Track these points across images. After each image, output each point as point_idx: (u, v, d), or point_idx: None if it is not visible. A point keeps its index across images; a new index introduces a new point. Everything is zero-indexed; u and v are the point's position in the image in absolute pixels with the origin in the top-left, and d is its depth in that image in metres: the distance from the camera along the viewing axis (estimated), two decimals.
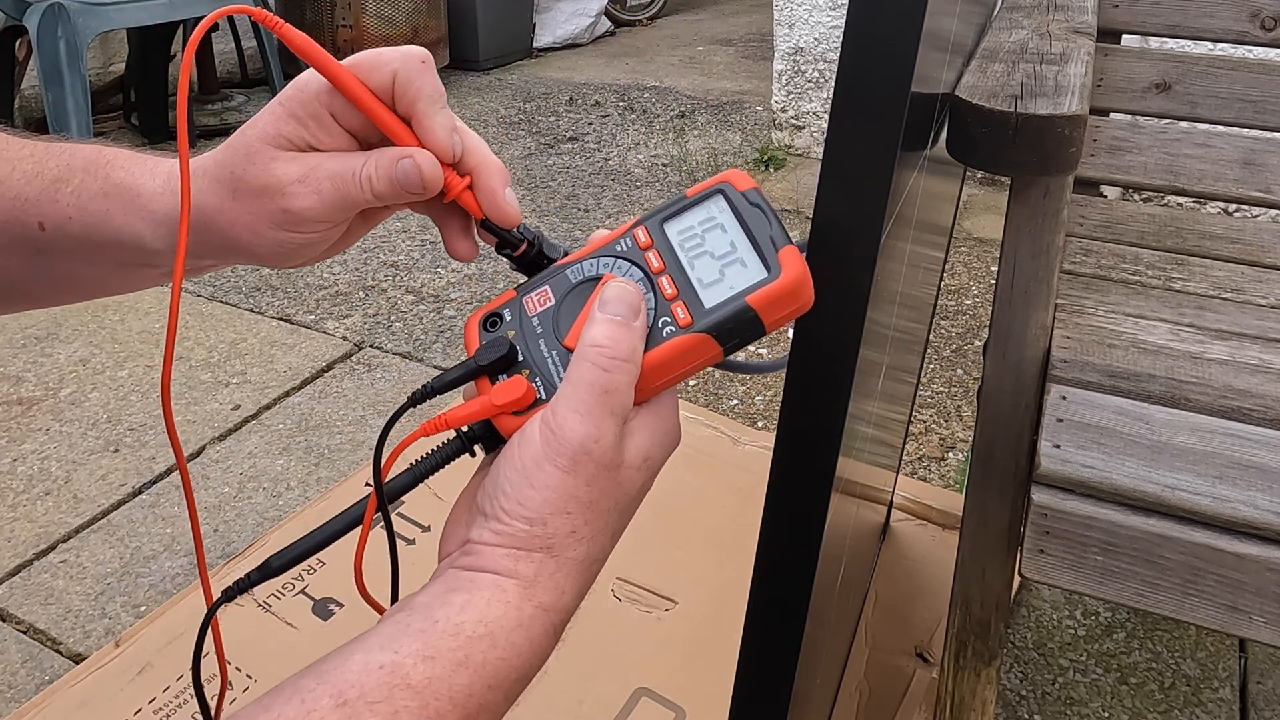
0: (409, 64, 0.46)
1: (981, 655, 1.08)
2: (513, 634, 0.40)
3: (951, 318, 2.44)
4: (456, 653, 0.38)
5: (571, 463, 0.40)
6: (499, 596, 0.40)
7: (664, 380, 0.44)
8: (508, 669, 0.40)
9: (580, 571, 0.42)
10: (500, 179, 0.48)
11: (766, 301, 0.43)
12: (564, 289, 0.46)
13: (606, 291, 0.43)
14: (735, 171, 0.47)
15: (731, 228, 0.45)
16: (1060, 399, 0.96)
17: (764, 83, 4.27)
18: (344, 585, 1.44)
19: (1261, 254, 1.29)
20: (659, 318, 0.44)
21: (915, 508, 1.62)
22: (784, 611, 0.54)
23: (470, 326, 0.47)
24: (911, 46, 0.42)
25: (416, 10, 4.10)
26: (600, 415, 0.41)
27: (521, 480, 0.41)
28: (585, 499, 0.41)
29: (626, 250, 0.46)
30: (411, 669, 0.37)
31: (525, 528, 0.41)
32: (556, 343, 0.44)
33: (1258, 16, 1.38)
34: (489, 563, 0.41)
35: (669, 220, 0.46)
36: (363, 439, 2.01)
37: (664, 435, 0.44)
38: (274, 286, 2.66)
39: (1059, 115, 0.77)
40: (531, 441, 0.41)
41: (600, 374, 0.41)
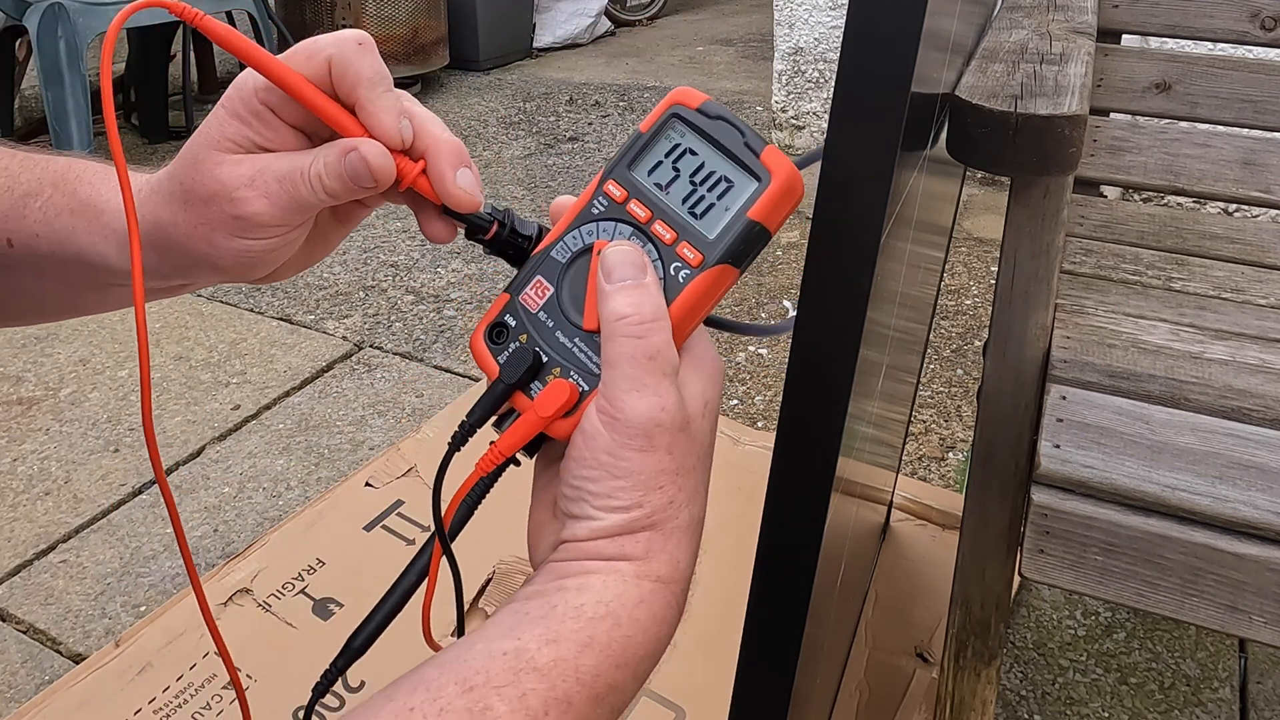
0: (344, 48, 0.43)
1: (981, 655, 1.08)
2: (635, 610, 0.39)
3: (951, 318, 2.44)
4: (580, 634, 0.38)
5: (647, 440, 0.39)
6: (614, 578, 0.39)
7: (695, 323, 0.43)
8: (634, 647, 0.39)
9: (689, 536, 0.42)
10: (451, 160, 0.44)
11: (768, 209, 0.42)
12: (557, 272, 0.44)
13: (606, 260, 0.41)
14: (681, 90, 0.45)
15: (702, 149, 0.43)
16: (1060, 399, 0.96)
17: (764, 83, 4.27)
18: (344, 585, 1.44)
19: (1261, 254, 1.29)
20: (669, 265, 0.42)
21: (915, 508, 1.62)
22: (784, 611, 0.54)
23: (477, 345, 0.44)
24: (911, 46, 0.42)
25: (416, 10, 4.10)
26: (655, 382, 0.40)
27: (603, 475, 0.40)
28: (672, 468, 0.40)
29: (605, 210, 0.44)
30: (536, 653, 0.37)
31: (624, 517, 0.40)
32: (575, 329, 0.43)
33: (1258, 16, 1.38)
34: (594, 553, 0.40)
35: (634, 164, 0.44)
36: (363, 439, 2.01)
37: (711, 373, 0.43)
38: (274, 286, 2.66)
39: (1059, 115, 0.77)
40: (597, 434, 0.40)
41: (637, 343, 0.40)
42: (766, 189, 0.42)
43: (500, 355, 0.43)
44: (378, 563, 1.47)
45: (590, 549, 0.40)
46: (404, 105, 0.45)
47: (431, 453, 1.70)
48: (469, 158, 0.45)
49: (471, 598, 1.39)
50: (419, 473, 1.66)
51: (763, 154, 0.42)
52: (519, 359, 0.42)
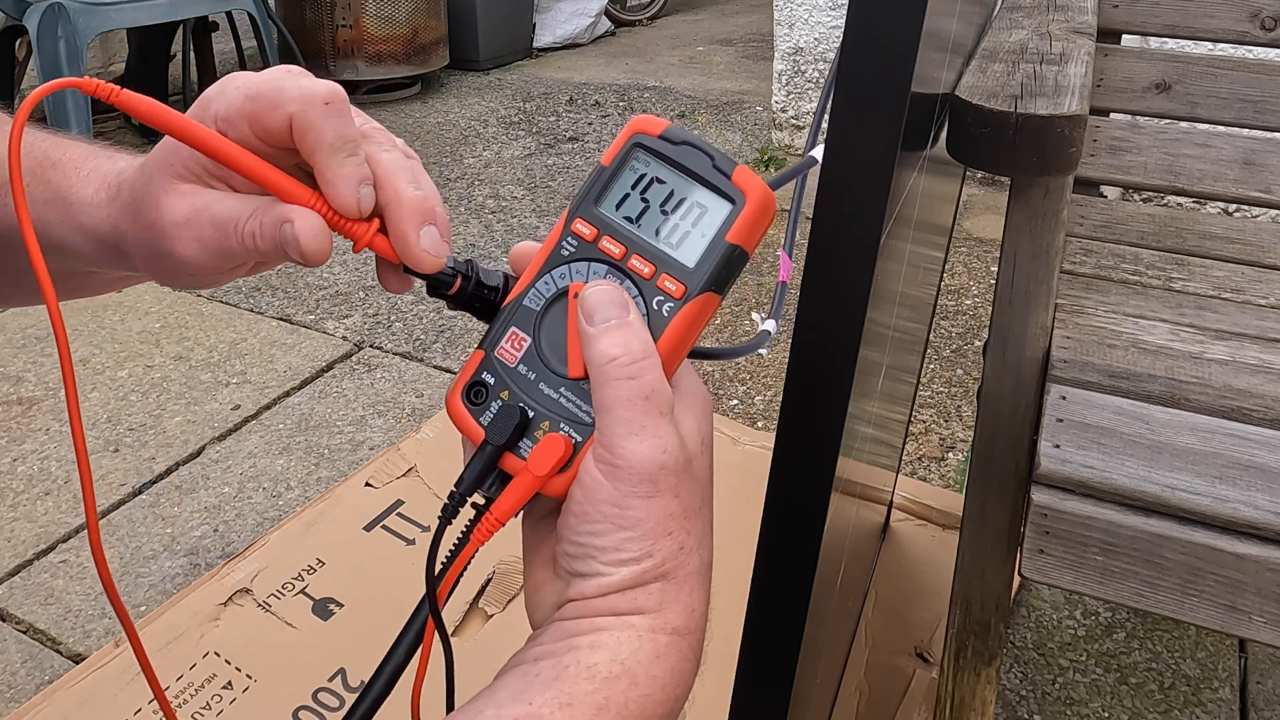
0: (309, 110, 0.39)
1: (981, 655, 1.08)
2: (652, 667, 0.37)
3: (951, 318, 2.44)
4: (594, 696, 0.36)
5: (652, 486, 0.37)
6: (629, 634, 0.37)
7: (682, 356, 0.42)
8: (652, 705, 0.37)
9: (700, 582, 0.40)
10: (414, 220, 0.41)
11: (745, 230, 0.41)
12: (532, 321, 0.42)
13: (586, 302, 0.39)
14: (640, 119, 0.43)
15: (670, 177, 0.42)
16: (1060, 399, 0.96)
17: (764, 83, 4.27)
18: (344, 585, 1.44)
19: (1261, 254, 1.29)
20: (650, 300, 0.40)
21: (915, 508, 1.62)
22: (784, 612, 0.54)
23: (455, 407, 0.42)
24: (911, 46, 0.42)
25: (416, 10, 4.10)
26: (654, 423, 0.38)
27: (609, 528, 0.38)
28: (679, 511, 0.38)
29: (575, 250, 0.42)
30: (549, 717, 0.35)
31: (634, 569, 0.38)
32: (560, 379, 0.41)
33: (1258, 16, 1.38)
34: (604, 609, 0.38)
35: (600, 199, 0.42)
36: (363, 439, 2.01)
37: (703, 407, 0.42)
38: (274, 286, 2.66)
39: (1059, 115, 0.77)
40: (598, 486, 0.38)
41: (631, 384, 0.38)
42: (742, 210, 0.41)
43: (482, 416, 0.41)
44: (378, 563, 1.47)
45: (601, 605, 0.38)
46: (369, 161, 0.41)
47: (431, 453, 1.70)
48: (436, 210, 0.42)
49: (471, 597, 1.39)
50: (419, 473, 1.66)
51: (734, 175, 0.41)
52: (505, 418, 0.40)
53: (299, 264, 0.41)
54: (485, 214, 3.09)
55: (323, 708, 1.24)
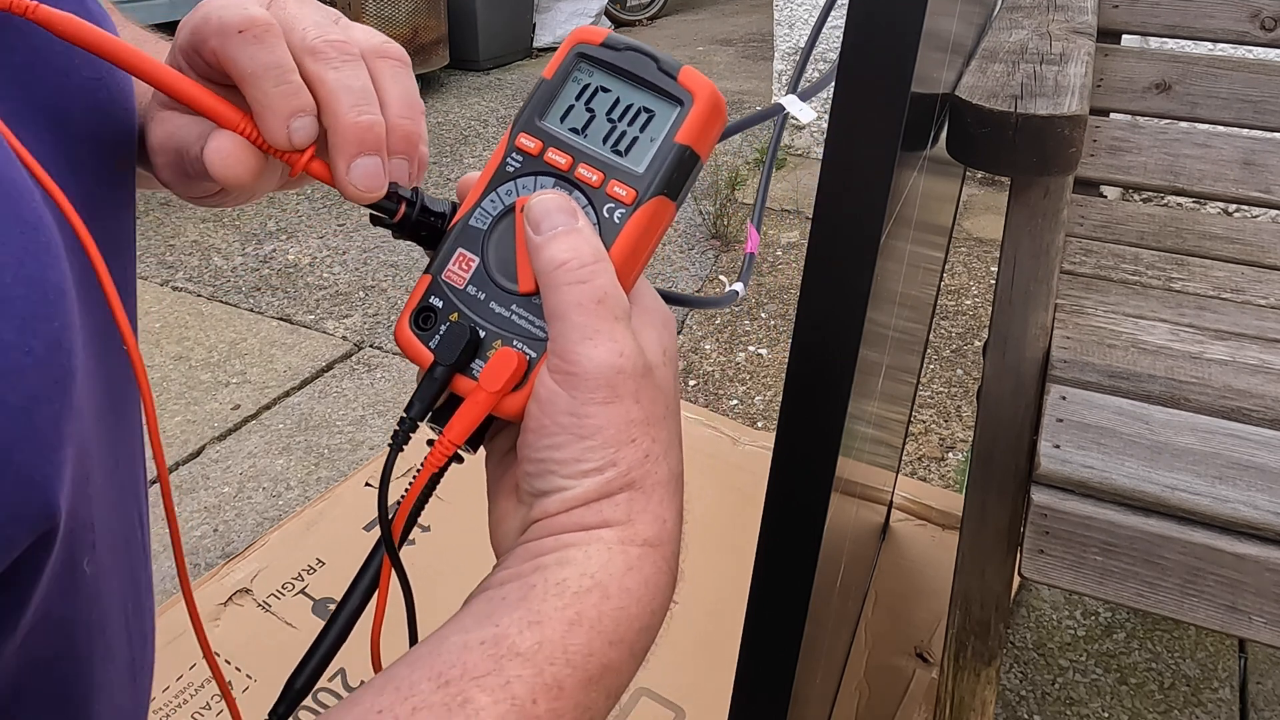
0: (226, 41, 0.37)
1: (981, 655, 1.08)
2: (624, 579, 0.35)
3: (951, 318, 2.44)
4: (565, 611, 0.34)
5: (611, 391, 0.36)
6: (598, 546, 0.35)
7: (639, 264, 0.40)
8: (628, 619, 0.35)
9: (671, 492, 0.38)
10: (347, 149, 0.38)
11: (695, 131, 0.40)
12: (480, 240, 0.40)
13: (532, 212, 0.38)
14: (581, 29, 0.42)
15: (614, 85, 0.40)
16: (1060, 399, 0.96)
17: (764, 83, 4.27)
18: (343, 585, 1.44)
19: (1261, 254, 1.29)
20: (601, 208, 0.39)
21: (915, 508, 1.62)
22: (784, 611, 0.54)
23: (404, 335, 0.40)
24: (911, 47, 0.42)
25: (416, 10, 4.10)
26: (609, 327, 0.36)
27: (569, 439, 0.36)
28: (641, 418, 0.37)
29: (521, 166, 0.40)
30: (517, 637, 0.33)
31: (598, 479, 0.36)
32: (511, 295, 0.39)
33: (1258, 17, 1.38)
34: (570, 525, 0.36)
35: (544, 114, 0.41)
36: (363, 439, 2.01)
37: (663, 320, 0.40)
38: (274, 286, 2.67)
39: (1059, 115, 0.77)
40: (555, 396, 0.36)
41: (582, 288, 0.36)
42: (690, 110, 0.40)
43: (430, 340, 0.39)
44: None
45: (565, 521, 0.36)
46: (312, 83, 0.38)
47: None
48: (377, 138, 0.38)
49: None
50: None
51: (679, 76, 0.40)
52: (454, 338, 0.39)
53: (224, 187, 0.39)
54: None
55: (323, 707, 1.24)
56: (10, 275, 0.28)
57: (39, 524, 0.29)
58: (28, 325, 0.28)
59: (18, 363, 0.28)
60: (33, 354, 0.28)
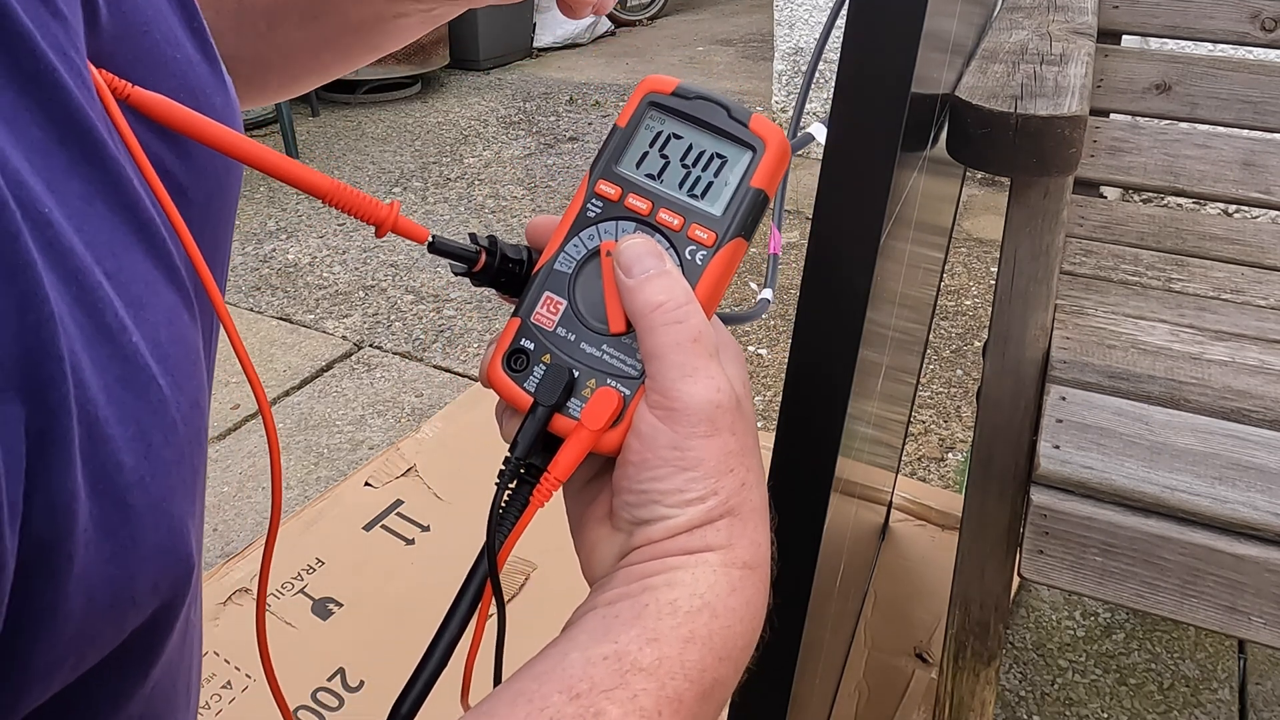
0: None
1: (980, 656, 1.08)
2: (729, 600, 0.38)
3: (951, 318, 2.44)
4: (679, 629, 0.36)
5: (711, 425, 0.38)
6: (703, 569, 0.38)
7: (718, 302, 0.42)
8: (734, 637, 0.38)
9: (762, 518, 0.40)
10: None
11: (767, 175, 0.42)
12: (565, 284, 0.42)
13: (623, 256, 0.40)
14: (651, 79, 0.43)
15: (687, 131, 0.42)
16: (1060, 400, 0.96)
17: (764, 83, 4.27)
18: (343, 585, 1.44)
19: (1261, 255, 1.29)
20: (683, 250, 0.41)
21: (914, 508, 1.62)
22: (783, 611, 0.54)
23: (497, 376, 0.42)
24: (911, 46, 0.42)
25: None
26: (705, 364, 0.38)
27: (671, 471, 0.38)
28: (737, 448, 0.39)
29: (602, 211, 0.42)
30: (638, 653, 0.35)
31: (700, 508, 0.38)
32: (601, 335, 0.41)
33: (1258, 17, 1.38)
34: (675, 549, 0.38)
35: (620, 160, 0.43)
36: (362, 438, 2.01)
37: (737, 353, 0.43)
38: (274, 286, 2.67)
39: (1059, 116, 0.77)
40: (657, 433, 0.38)
41: (679, 328, 0.38)
42: (763, 156, 0.41)
43: (526, 382, 0.41)
44: (377, 563, 1.47)
45: (670, 546, 0.38)
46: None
47: (431, 452, 1.70)
48: None
49: None
50: (418, 472, 1.66)
51: (750, 123, 0.42)
52: (553, 379, 0.40)
53: None
54: (485, 214, 3.09)
55: (322, 707, 1.24)
56: (165, 333, 0.30)
57: (182, 575, 0.31)
58: (177, 382, 0.30)
59: (172, 417, 0.29)
60: (180, 409, 0.30)
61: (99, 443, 0.26)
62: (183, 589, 0.31)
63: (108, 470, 0.27)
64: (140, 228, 0.30)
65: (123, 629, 0.29)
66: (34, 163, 0.26)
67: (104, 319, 0.27)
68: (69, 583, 0.26)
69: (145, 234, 0.30)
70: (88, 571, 0.26)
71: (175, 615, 0.32)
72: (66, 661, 0.28)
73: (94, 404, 0.26)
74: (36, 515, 0.25)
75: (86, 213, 0.28)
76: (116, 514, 0.27)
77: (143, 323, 0.29)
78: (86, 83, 0.29)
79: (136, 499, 0.28)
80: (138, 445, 0.28)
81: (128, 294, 0.29)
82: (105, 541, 0.27)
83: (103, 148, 0.29)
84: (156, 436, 0.28)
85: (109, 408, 0.27)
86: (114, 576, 0.27)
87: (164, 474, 0.29)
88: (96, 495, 0.26)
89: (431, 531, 1.52)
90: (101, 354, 0.27)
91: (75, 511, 0.25)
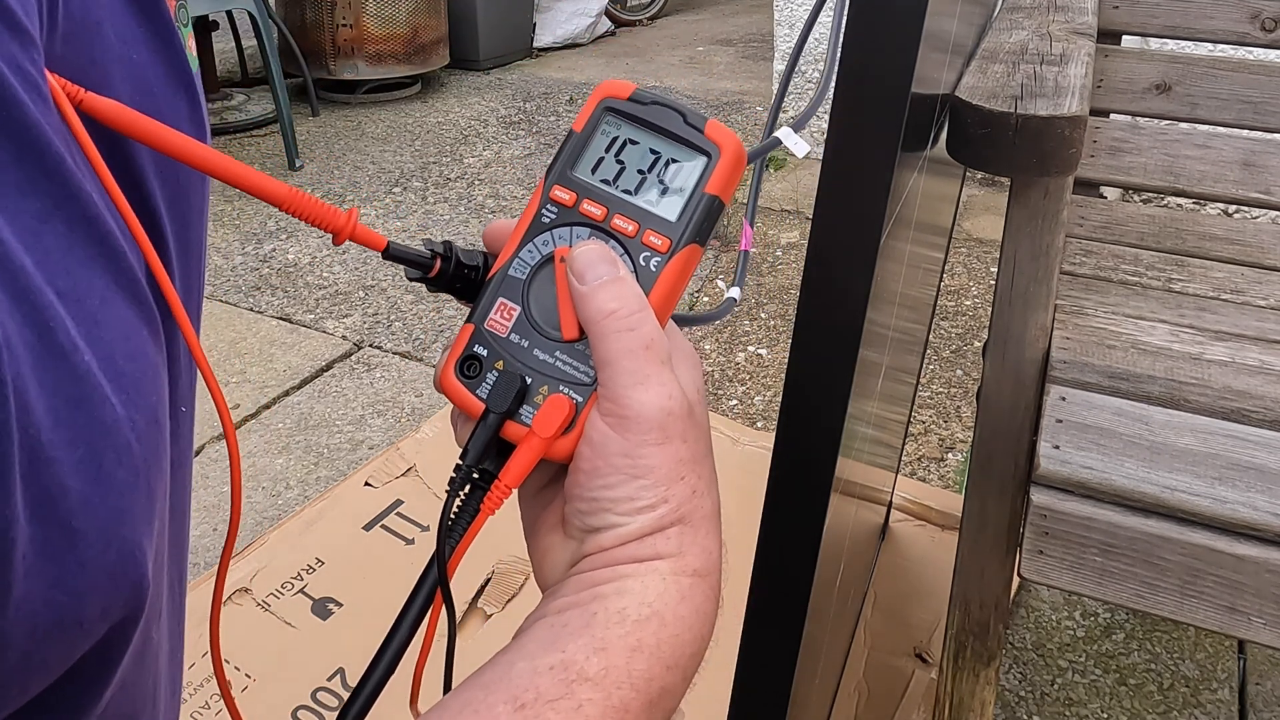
0: None
1: (980, 656, 1.08)
2: (679, 608, 0.38)
3: (951, 318, 2.44)
4: (627, 639, 0.36)
5: (662, 433, 0.38)
6: (653, 577, 0.38)
7: (672, 308, 0.42)
8: (682, 645, 0.38)
9: (714, 524, 0.41)
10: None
11: (722, 181, 0.42)
12: (519, 290, 0.42)
13: (576, 262, 0.40)
14: (607, 83, 0.43)
15: (642, 137, 0.42)
16: (1060, 400, 0.96)
17: (764, 83, 4.27)
18: (342, 584, 1.44)
19: (1261, 255, 1.29)
20: (637, 256, 0.41)
21: (914, 508, 1.62)
22: (783, 611, 0.54)
23: (449, 382, 0.41)
24: (911, 47, 0.42)
25: (416, 10, 4.10)
26: (657, 372, 0.38)
27: (622, 479, 0.38)
28: (689, 456, 0.39)
29: (556, 217, 0.42)
30: (585, 663, 0.35)
31: (650, 516, 0.38)
32: (554, 342, 0.41)
33: (1258, 18, 1.38)
34: (625, 557, 0.38)
35: (575, 165, 0.42)
36: (362, 438, 2.01)
37: (691, 358, 0.42)
38: (274, 286, 2.67)
39: (1059, 116, 0.77)
40: (608, 441, 0.38)
41: (631, 335, 0.38)
42: (718, 162, 0.41)
43: (478, 388, 0.41)
44: (377, 562, 1.47)
45: (620, 554, 0.38)
46: None
47: (431, 452, 1.70)
48: None
49: (470, 597, 1.39)
50: (418, 472, 1.66)
51: (706, 129, 0.42)
52: (505, 386, 0.40)
53: None
54: (485, 214, 3.09)
55: (322, 707, 1.24)
56: (120, 350, 0.29)
57: (135, 597, 0.30)
58: (132, 400, 0.29)
59: (126, 438, 0.29)
60: (136, 428, 0.29)
61: (41, 465, 0.26)
62: (136, 611, 0.31)
63: (51, 494, 0.26)
64: (98, 241, 0.29)
65: (70, 654, 0.29)
66: None
67: (55, 339, 0.26)
68: (9, 608, 0.25)
69: (103, 248, 0.30)
70: (30, 597, 0.26)
71: (128, 637, 0.32)
72: (11, 689, 0.27)
73: (37, 427, 0.25)
74: None
75: (39, 230, 0.27)
76: (61, 538, 0.26)
77: (96, 341, 0.28)
78: (44, 95, 0.28)
79: (83, 522, 0.27)
80: (87, 468, 0.27)
81: (81, 311, 0.28)
82: (48, 566, 0.26)
83: (60, 163, 0.28)
84: (109, 457, 0.28)
85: (55, 430, 0.26)
86: (58, 602, 0.27)
87: (115, 496, 0.28)
88: (38, 520, 0.25)
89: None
90: (50, 375, 0.26)
91: (13, 538, 0.25)
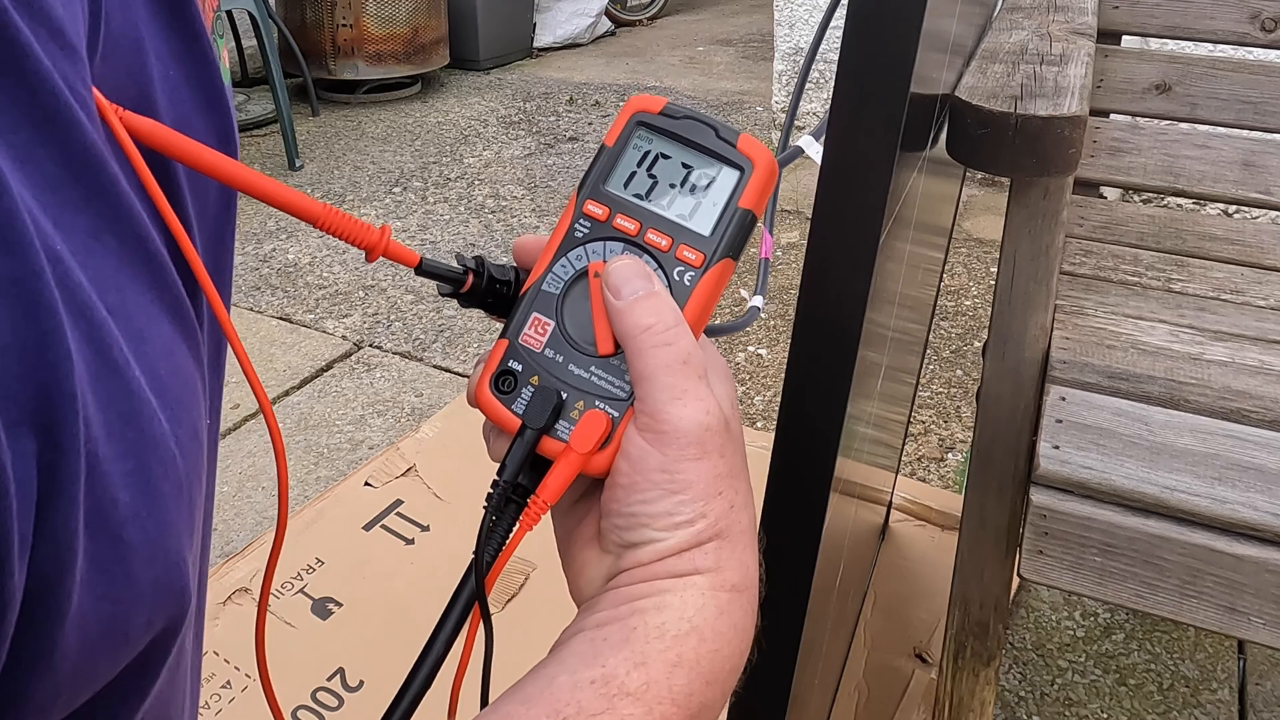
0: None
1: (980, 656, 1.08)
2: (717, 623, 0.38)
3: (951, 318, 2.44)
4: (667, 654, 0.36)
5: (700, 448, 0.38)
6: (692, 593, 0.38)
7: (705, 322, 0.42)
8: (721, 660, 0.38)
9: (751, 539, 0.41)
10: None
11: (755, 195, 0.42)
12: (553, 305, 0.41)
13: (611, 278, 0.40)
14: (638, 98, 0.43)
15: (675, 151, 0.42)
16: (1059, 400, 0.96)
17: (764, 83, 4.27)
18: (343, 584, 1.44)
19: (1261, 255, 1.29)
20: (671, 271, 0.41)
21: (914, 508, 1.62)
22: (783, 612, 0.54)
23: (485, 398, 0.41)
24: (911, 47, 0.42)
25: (417, 10, 4.10)
26: (694, 387, 0.38)
27: (660, 494, 0.38)
28: (726, 471, 0.39)
29: (590, 231, 0.42)
30: (625, 677, 0.35)
31: (689, 531, 0.38)
32: (589, 357, 0.41)
33: (1258, 18, 1.38)
34: (663, 572, 0.38)
35: (608, 179, 0.42)
36: (362, 438, 2.01)
37: (725, 371, 0.42)
38: (274, 286, 2.66)
39: (1058, 116, 0.77)
40: (646, 456, 0.38)
41: (668, 350, 0.38)
42: (751, 176, 0.41)
43: (514, 404, 0.41)
44: (377, 562, 1.47)
45: (659, 569, 0.38)
46: None
47: (431, 452, 1.70)
48: None
49: None
50: (418, 472, 1.66)
51: (738, 143, 0.42)
52: (541, 401, 0.40)
53: None
54: (485, 214, 3.09)
55: (321, 707, 1.24)
56: (164, 366, 0.29)
57: (177, 609, 0.31)
58: (175, 415, 0.29)
59: (170, 451, 0.29)
60: (179, 442, 0.30)
61: (97, 479, 0.26)
62: (178, 623, 0.31)
63: (104, 506, 0.26)
64: (146, 260, 0.30)
65: (115, 665, 0.29)
66: (42, 200, 0.26)
67: (110, 355, 0.27)
68: (67, 619, 0.26)
69: (151, 266, 0.30)
70: (82, 608, 0.26)
71: (167, 649, 0.32)
72: (59, 699, 0.27)
73: (95, 440, 0.26)
74: (42, 551, 0.24)
75: (92, 247, 0.28)
76: (111, 550, 0.27)
77: (142, 356, 0.29)
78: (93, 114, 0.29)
79: (132, 534, 0.27)
80: (136, 481, 0.27)
81: (129, 328, 0.28)
82: (100, 578, 0.27)
83: (115, 182, 0.28)
84: (155, 471, 0.28)
85: (109, 444, 0.27)
86: (108, 613, 0.27)
87: (161, 509, 0.28)
88: (92, 531, 0.26)
89: (431, 531, 1.52)
90: (106, 390, 0.27)
91: (75, 549, 0.25)
